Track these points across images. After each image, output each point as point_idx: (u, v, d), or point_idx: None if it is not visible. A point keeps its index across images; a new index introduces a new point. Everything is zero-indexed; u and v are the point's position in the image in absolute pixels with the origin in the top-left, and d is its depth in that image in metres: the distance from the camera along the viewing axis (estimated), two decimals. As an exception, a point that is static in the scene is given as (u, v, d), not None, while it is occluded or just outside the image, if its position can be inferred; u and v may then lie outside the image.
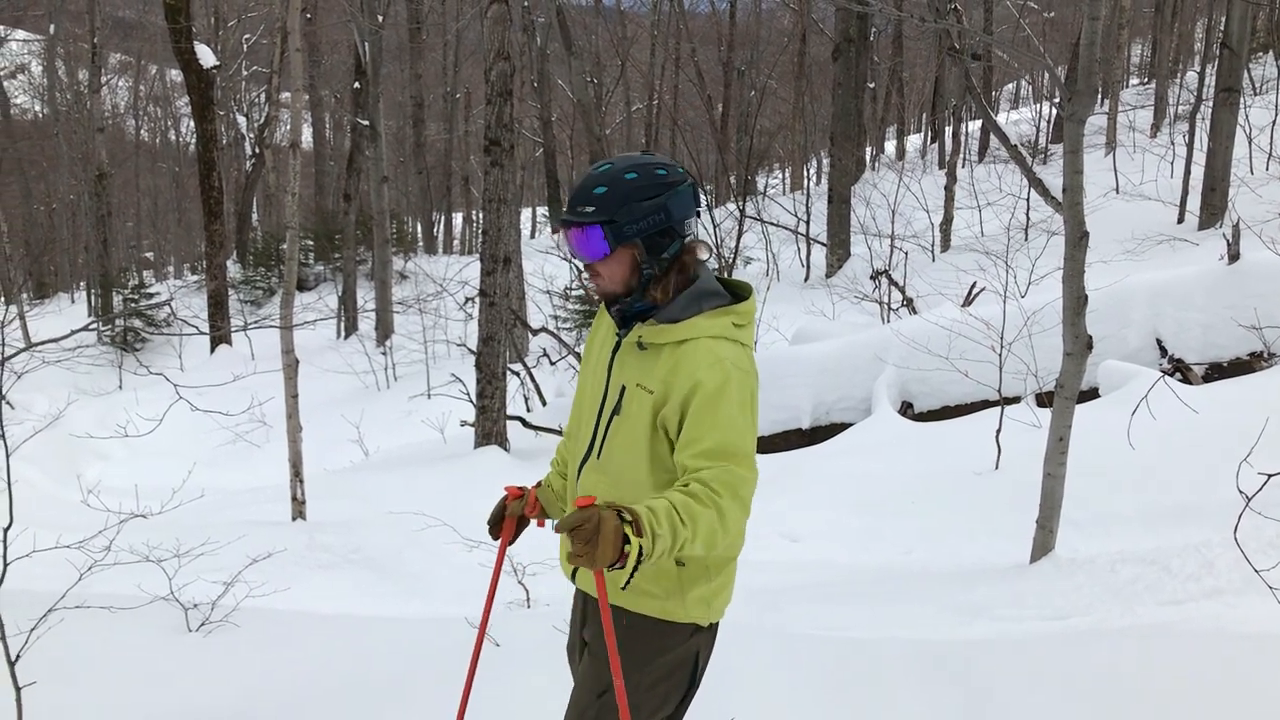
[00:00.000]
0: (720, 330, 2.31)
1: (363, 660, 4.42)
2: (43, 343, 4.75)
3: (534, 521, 2.77)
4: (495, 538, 2.74)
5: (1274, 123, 15.82)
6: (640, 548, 2.01)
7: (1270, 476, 2.75)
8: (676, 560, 2.34)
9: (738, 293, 2.41)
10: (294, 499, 7.39)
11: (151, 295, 23.75)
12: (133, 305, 22.56)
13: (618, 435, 2.36)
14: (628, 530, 2.00)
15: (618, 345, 2.42)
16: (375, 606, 5.77)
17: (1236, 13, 13.03)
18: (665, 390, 2.27)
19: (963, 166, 21.10)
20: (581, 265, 2.38)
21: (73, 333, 4.38)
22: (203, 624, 4.60)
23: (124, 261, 34.53)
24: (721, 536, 2.17)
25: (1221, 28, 14.98)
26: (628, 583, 2.09)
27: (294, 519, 7.35)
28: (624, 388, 2.36)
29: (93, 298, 26.97)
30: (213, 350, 19.90)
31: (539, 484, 2.80)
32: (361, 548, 6.60)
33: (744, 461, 2.21)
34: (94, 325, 14.32)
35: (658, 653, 2.38)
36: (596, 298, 2.49)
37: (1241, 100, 13.67)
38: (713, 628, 2.47)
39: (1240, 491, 2.85)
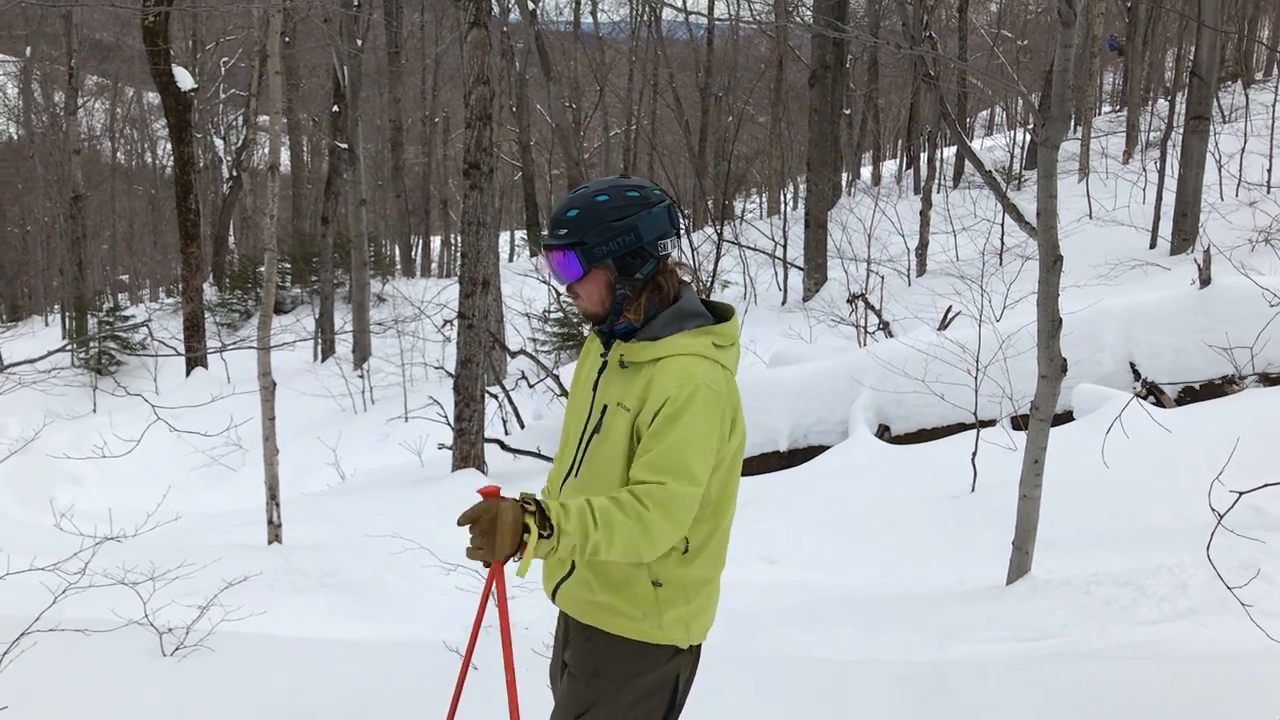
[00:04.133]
0: (698, 349, 2.32)
1: (340, 684, 4.39)
2: (18, 364, 4.72)
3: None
4: (485, 564, 2.72)
5: (1243, 150, 16.05)
6: (540, 538, 2.05)
7: (1241, 494, 2.79)
8: (653, 581, 2.35)
9: (720, 314, 2.43)
10: (270, 522, 7.34)
11: (127, 318, 23.55)
12: (108, 327, 22.38)
13: (596, 454, 2.38)
14: (529, 520, 2.04)
15: (603, 366, 2.45)
16: (352, 630, 5.73)
17: (1205, 42, 13.25)
18: (639, 405, 2.29)
19: (938, 192, 21.30)
20: (564, 287, 2.45)
21: (49, 354, 4.36)
22: (178, 648, 4.56)
23: (99, 284, 34.30)
24: (646, 548, 2.19)
25: (1191, 57, 15.21)
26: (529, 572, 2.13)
27: (270, 543, 7.29)
28: (605, 407, 2.38)
29: (67, 321, 26.76)
30: (188, 373, 19.74)
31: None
32: (338, 571, 6.55)
33: (683, 476, 2.20)
34: (70, 347, 14.19)
35: (636, 674, 2.38)
36: (578, 320, 2.53)
37: (1211, 128, 13.88)
38: (694, 650, 2.47)
39: (1213, 509, 2.89)
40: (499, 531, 2.01)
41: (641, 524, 2.15)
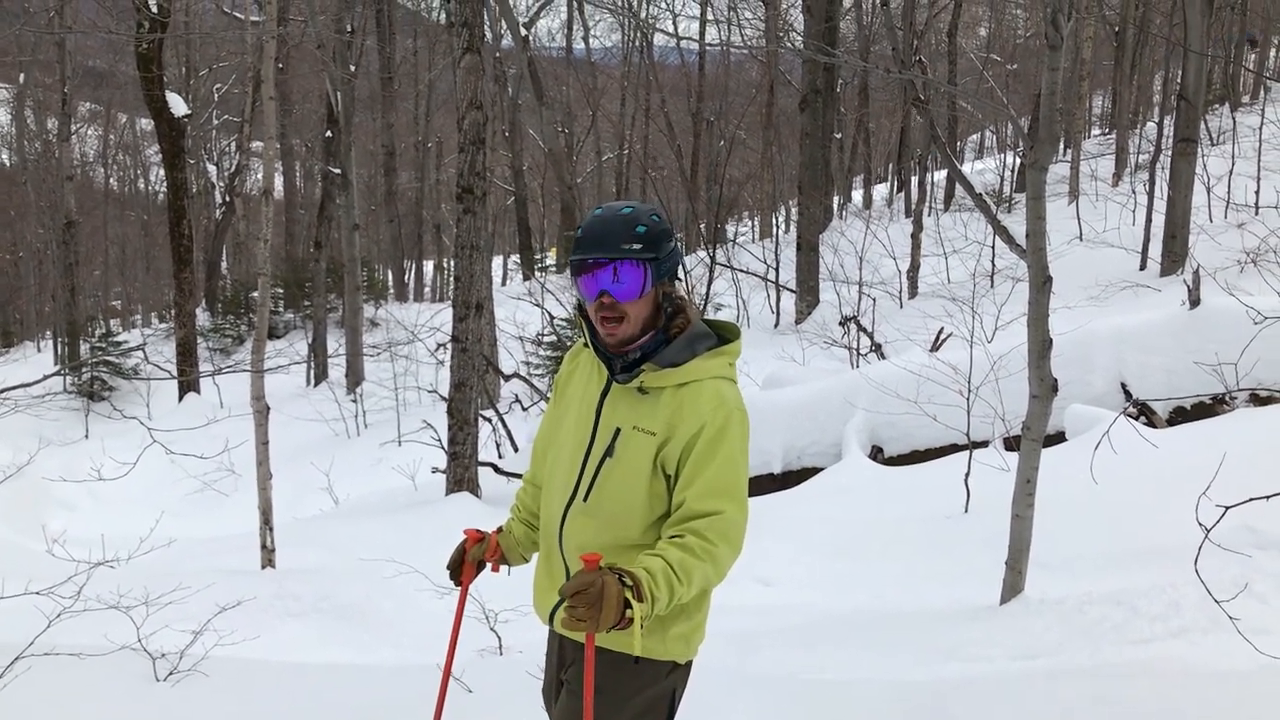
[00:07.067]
0: (720, 371, 2.36)
1: (333, 709, 4.37)
2: (11, 388, 4.72)
3: (489, 566, 2.76)
4: (456, 582, 2.75)
5: (1231, 172, 16.15)
6: (641, 614, 2.08)
7: (1227, 509, 2.81)
8: None
9: (723, 334, 2.45)
10: (263, 547, 7.32)
11: (120, 343, 23.51)
12: (101, 352, 22.33)
13: (611, 478, 2.37)
14: (628, 595, 2.06)
15: (606, 389, 2.43)
16: (345, 654, 5.71)
17: (1192, 66, 13.36)
18: (668, 431, 2.30)
19: (929, 215, 21.36)
20: (596, 310, 2.32)
21: (44, 378, 4.37)
22: (171, 673, 4.54)
23: (91, 310, 34.27)
24: (715, 580, 2.28)
25: (1178, 80, 15.33)
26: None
27: (263, 567, 7.28)
28: (618, 430, 2.37)
29: (59, 346, 26.70)
30: (181, 398, 19.70)
31: (499, 529, 2.80)
32: (331, 596, 6.54)
33: (738, 500, 2.28)
34: (63, 372, 14.17)
35: (638, 690, 2.39)
36: (585, 342, 2.48)
37: (1199, 150, 13.98)
38: (688, 664, 2.48)
39: (1200, 524, 2.91)
40: (605, 605, 2.02)
41: (714, 561, 2.22)
